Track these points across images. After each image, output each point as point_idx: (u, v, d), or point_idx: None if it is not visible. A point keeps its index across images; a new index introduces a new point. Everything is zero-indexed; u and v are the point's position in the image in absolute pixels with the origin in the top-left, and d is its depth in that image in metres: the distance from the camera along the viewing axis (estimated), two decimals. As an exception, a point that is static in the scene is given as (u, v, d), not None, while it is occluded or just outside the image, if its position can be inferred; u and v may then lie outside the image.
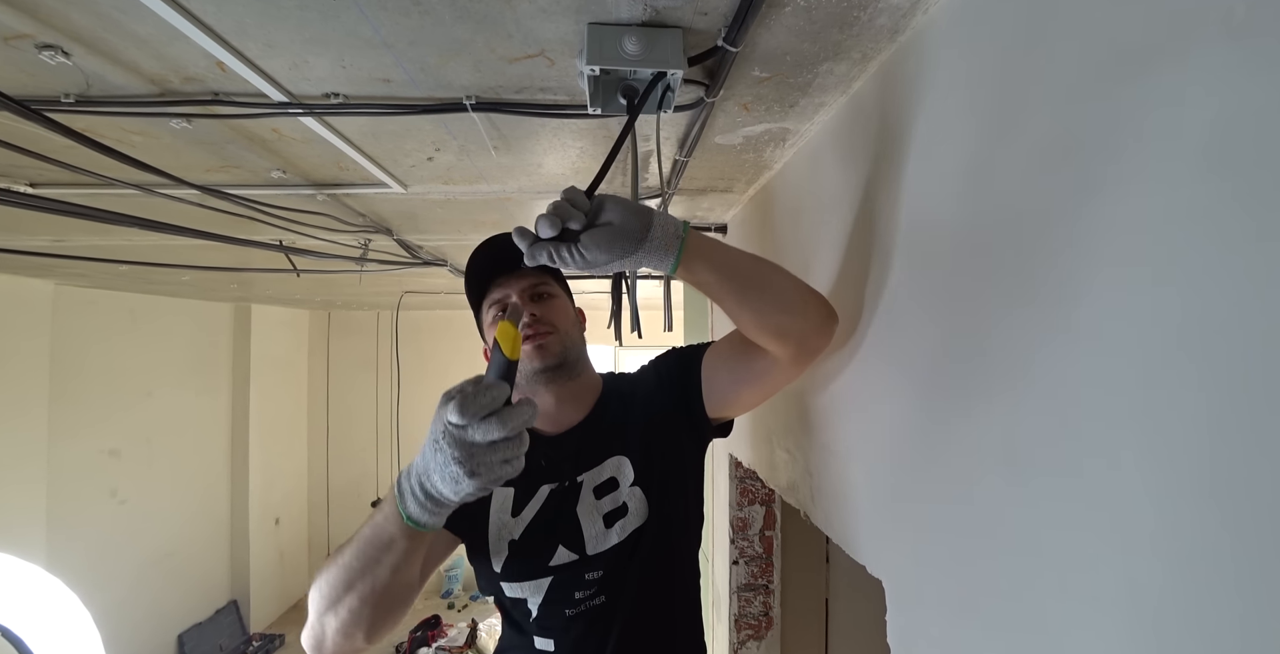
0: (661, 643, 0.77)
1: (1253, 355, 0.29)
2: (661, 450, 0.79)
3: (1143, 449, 0.35)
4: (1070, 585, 0.40)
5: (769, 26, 0.61)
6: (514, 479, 0.72)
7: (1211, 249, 0.31)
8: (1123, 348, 0.37)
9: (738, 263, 0.67)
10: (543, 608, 0.74)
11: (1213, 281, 0.31)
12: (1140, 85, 0.35)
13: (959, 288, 0.54)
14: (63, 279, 2.80)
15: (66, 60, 0.67)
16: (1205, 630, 0.31)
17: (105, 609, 3.08)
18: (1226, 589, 0.30)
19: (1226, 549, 0.30)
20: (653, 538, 0.75)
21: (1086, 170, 0.40)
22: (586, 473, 0.77)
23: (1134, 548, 0.36)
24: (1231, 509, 0.30)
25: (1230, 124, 0.30)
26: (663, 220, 0.61)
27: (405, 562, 0.60)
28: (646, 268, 0.63)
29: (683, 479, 0.81)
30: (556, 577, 0.73)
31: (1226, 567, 0.30)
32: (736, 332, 0.76)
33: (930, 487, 0.58)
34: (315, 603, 0.63)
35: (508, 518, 0.75)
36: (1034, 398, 0.44)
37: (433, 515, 0.54)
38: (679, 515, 0.80)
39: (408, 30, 0.62)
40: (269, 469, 4.55)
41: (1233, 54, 0.30)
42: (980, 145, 0.51)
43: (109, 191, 1.14)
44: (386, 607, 0.62)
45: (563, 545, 0.74)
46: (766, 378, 0.74)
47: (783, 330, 0.67)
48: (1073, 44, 0.41)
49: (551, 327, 0.78)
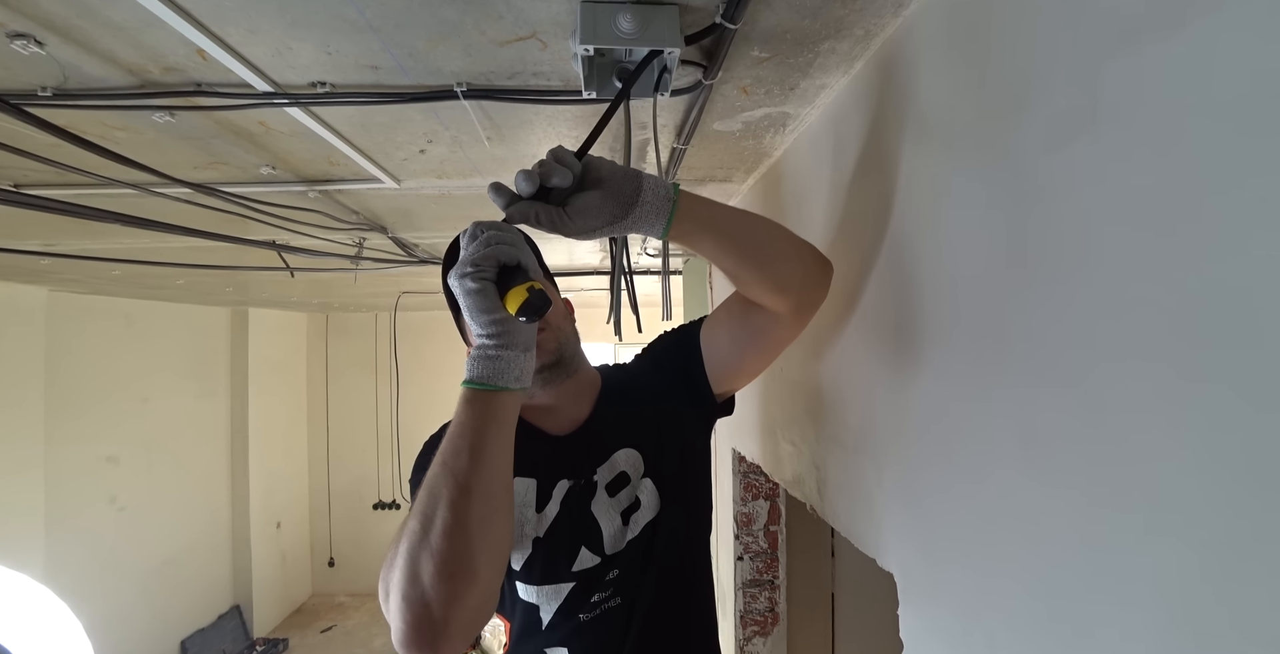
0: (678, 641, 0.75)
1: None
2: (669, 438, 0.78)
3: (1170, 435, 0.33)
4: (1095, 578, 0.38)
5: (769, 2, 0.59)
6: (535, 472, 0.71)
7: (1242, 218, 0.29)
8: (1147, 329, 0.34)
9: (730, 219, 0.66)
10: (558, 615, 0.70)
11: (1248, 253, 0.29)
12: (1160, 47, 0.33)
13: (968, 271, 0.52)
14: (56, 285, 2.78)
15: (40, 50, 0.64)
16: (1239, 625, 0.29)
17: (106, 616, 3.07)
18: (1262, 580, 0.28)
19: (1262, 537, 0.28)
20: (666, 530, 0.73)
21: (1103, 141, 0.38)
22: (599, 469, 0.74)
23: (1161, 538, 0.34)
24: (1268, 494, 0.28)
25: (1263, 84, 0.28)
26: (653, 182, 0.59)
27: (506, 444, 0.54)
28: (637, 233, 0.61)
29: (691, 466, 0.80)
30: (578, 583, 0.70)
31: (1262, 556, 0.28)
32: (732, 298, 0.76)
33: (943, 478, 0.56)
34: (404, 547, 0.50)
35: (531, 513, 0.71)
36: (1051, 384, 0.42)
37: (495, 363, 0.52)
38: (690, 504, 0.78)
39: (394, 11, 0.59)
40: (269, 473, 4.53)
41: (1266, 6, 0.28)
42: (989, 120, 0.49)
43: (98, 191, 1.12)
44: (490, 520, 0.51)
45: (585, 547, 0.71)
46: (769, 337, 0.73)
47: (782, 282, 0.67)
48: (1088, 10, 0.39)
49: (546, 323, 0.73)
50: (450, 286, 0.54)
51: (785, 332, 0.73)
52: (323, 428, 5.24)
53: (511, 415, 0.55)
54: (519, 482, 0.70)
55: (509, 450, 0.55)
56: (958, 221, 0.54)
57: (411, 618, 0.48)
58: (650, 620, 0.71)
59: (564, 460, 0.74)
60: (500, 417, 0.54)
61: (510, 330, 0.53)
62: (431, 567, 0.48)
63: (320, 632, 4.50)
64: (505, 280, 0.53)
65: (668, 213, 0.59)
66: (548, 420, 0.77)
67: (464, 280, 0.52)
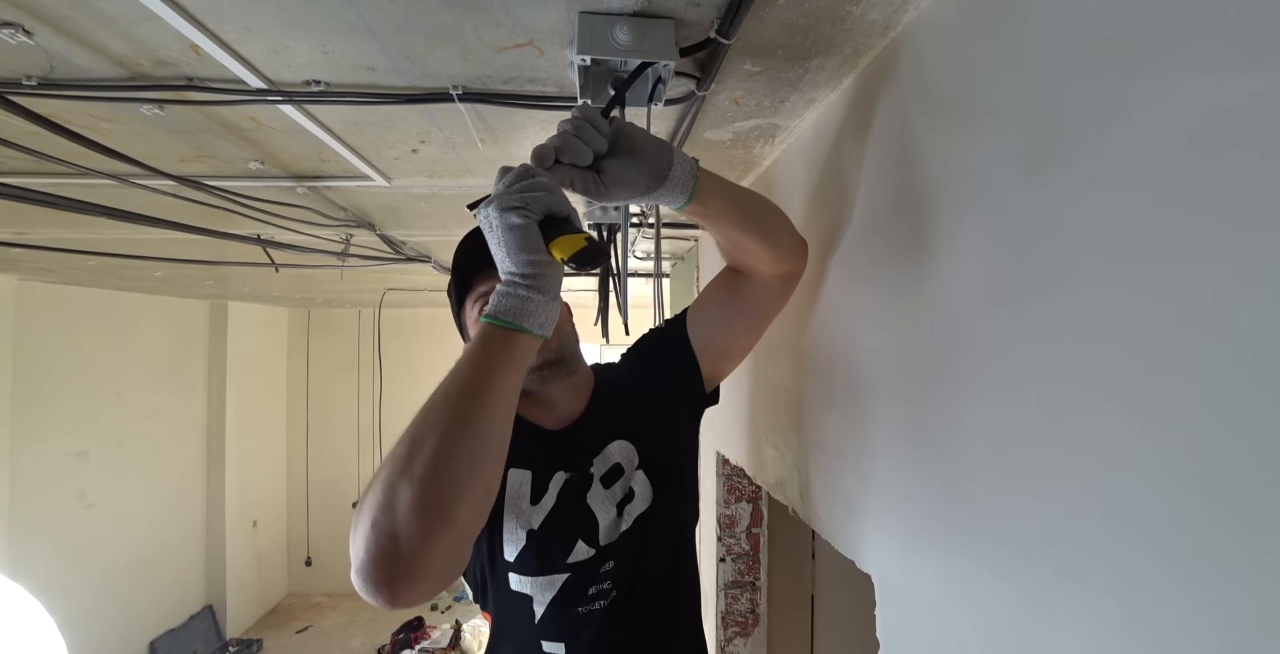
0: (671, 632, 0.77)
1: (1244, 347, 0.29)
2: (661, 429, 0.80)
3: (1131, 441, 0.35)
4: (1057, 578, 0.41)
5: (761, 19, 0.60)
6: (532, 464, 0.72)
7: (1201, 241, 0.31)
8: (1111, 339, 0.37)
9: (739, 193, 0.70)
10: (551, 608, 0.71)
11: (1203, 273, 0.31)
12: (1130, 80, 0.36)
13: (945, 284, 0.54)
14: (26, 274, 2.70)
15: (28, 40, 0.64)
16: (1195, 622, 0.31)
17: (73, 615, 2.98)
18: (1220, 582, 0.30)
19: (1220, 541, 0.31)
20: (660, 522, 0.75)
21: (1076, 165, 0.40)
22: (594, 461, 0.76)
23: (1124, 540, 0.36)
24: (1224, 500, 0.30)
25: (1221, 118, 0.31)
26: (681, 156, 0.62)
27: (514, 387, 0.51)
28: (658, 203, 0.63)
29: (681, 458, 0.82)
30: (573, 574, 0.71)
31: (1220, 559, 0.30)
32: (719, 279, 0.81)
33: (919, 482, 0.59)
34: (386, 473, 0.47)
35: (526, 505, 0.72)
36: (1021, 391, 0.44)
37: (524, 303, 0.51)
38: (681, 496, 0.80)
39: (393, 15, 0.60)
40: (246, 470, 4.44)
41: (1224, 49, 0.30)
42: (970, 140, 0.51)
43: (77, 181, 1.09)
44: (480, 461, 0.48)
45: (581, 540, 0.72)
46: (760, 307, 0.79)
47: (779, 249, 0.74)
48: (1063, 39, 0.41)
49: None
50: (484, 219, 0.51)
51: (774, 300, 0.79)
52: (302, 425, 5.15)
53: (525, 359, 0.52)
54: (515, 473, 0.71)
55: (514, 396, 0.52)
56: (933, 242, 0.56)
57: (376, 549, 0.44)
58: (645, 612, 0.73)
59: (560, 453, 0.75)
60: (516, 357, 0.51)
61: (547, 274, 0.51)
62: (409, 497, 0.44)
63: (296, 632, 4.42)
64: (550, 228, 0.51)
65: (691, 187, 0.62)
66: (545, 416, 0.78)
67: (508, 214, 0.50)
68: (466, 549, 0.50)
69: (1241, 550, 0.29)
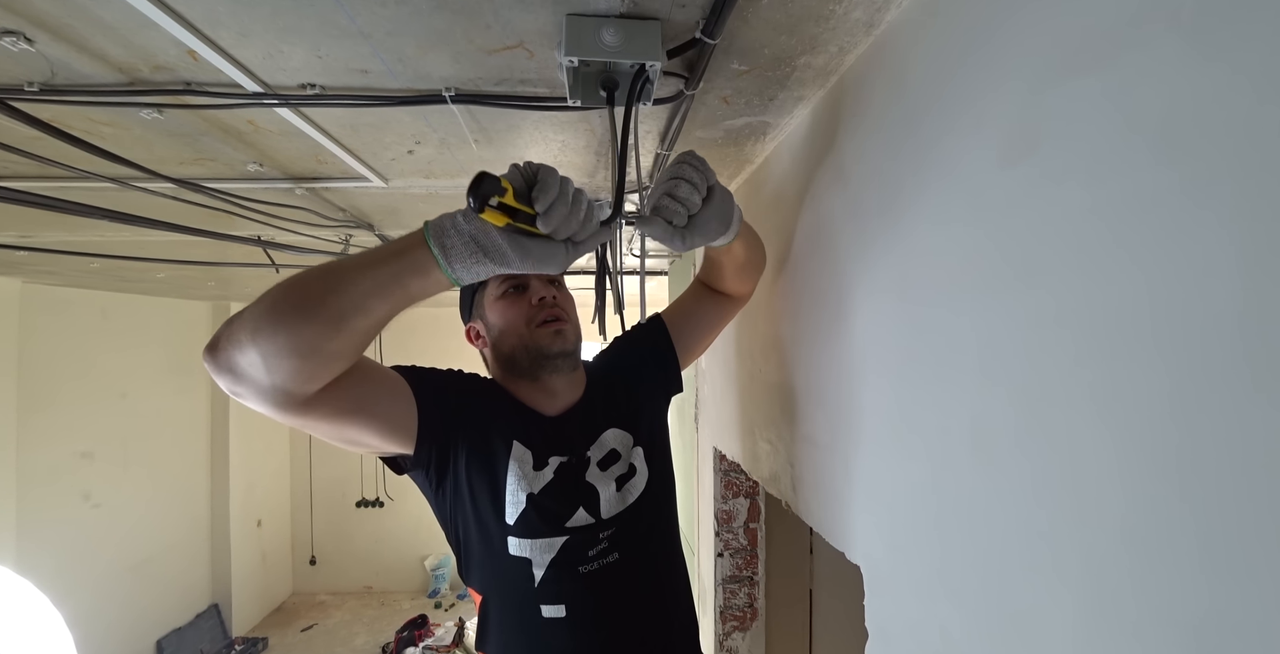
0: (668, 600, 0.82)
1: (1206, 339, 0.31)
2: (650, 413, 0.89)
3: (1102, 431, 0.36)
4: (1033, 565, 0.42)
5: (746, 19, 0.61)
6: (533, 445, 0.77)
7: (1162, 236, 0.33)
8: (1082, 332, 0.38)
9: (752, 232, 0.83)
10: (551, 569, 0.73)
11: (1167, 267, 0.33)
12: (1096, 77, 0.37)
13: (924, 279, 0.55)
14: (31, 277, 2.72)
15: (29, 47, 0.65)
16: (1157, 605, 0.33)
17: (79, 615, 3.01)
18: (1182, 566, 0.32)
19: (1184, 528, 0.32)
20: (654, 495, 0.83)
21: (1047, 159, 0.41)
22: (591, 448, 0.82)
23: (1093, 527, 0.37)
24: (1190, 489, 0.32)
25: (1180, 115, 0.32)
26: (738, 209, 0.73)
27: (398, 304, 0.55)
28: (709, 244, 0.73)
29: (665, 438, 0.91)
30: (571, 537, 0.75)
31: (1183, 545, 0.32)
32: (696, 292, 0.97)
33: (903, 473, 0.60)
34: (263, 304, 0.54)
35: (529, 470, 0.76)
36: (997, 382, 0.45)
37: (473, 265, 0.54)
38: (668, 471, 0.89)
39: (385, 20, 0.61)
40: (250, 470, 4.47)
41: (1182, 48, 0.31)
42: (948, 137, 0.52)
43: (79, 185, 1.11)
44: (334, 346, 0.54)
45: (582, 507, 0.77)
46: (727, 316, 0.97)
47: (757, 275, 0.92)
48: (1034, 38, 0.42)
49: (567, 314, 0.83)
50: None
51: (735, 310, 0.97)
52: (305, 425, 5.17)
53: (423, 293, 0.55)
54: (520, 448, 0.77)
55: (387, 313, 0.55)
56: (911, 234, 0.57)
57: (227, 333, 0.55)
58: (645, 579, 0.78)
59: (558, 438, 0.80)
60: (426, 286, 0.55)
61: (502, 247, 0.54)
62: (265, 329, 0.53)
63: (300, 631, 4.45)
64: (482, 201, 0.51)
65: (735, 233, 0.75)
66: (546, 403, 0.83)
67: None
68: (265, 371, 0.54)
69: (1205, 540, 0.31)
